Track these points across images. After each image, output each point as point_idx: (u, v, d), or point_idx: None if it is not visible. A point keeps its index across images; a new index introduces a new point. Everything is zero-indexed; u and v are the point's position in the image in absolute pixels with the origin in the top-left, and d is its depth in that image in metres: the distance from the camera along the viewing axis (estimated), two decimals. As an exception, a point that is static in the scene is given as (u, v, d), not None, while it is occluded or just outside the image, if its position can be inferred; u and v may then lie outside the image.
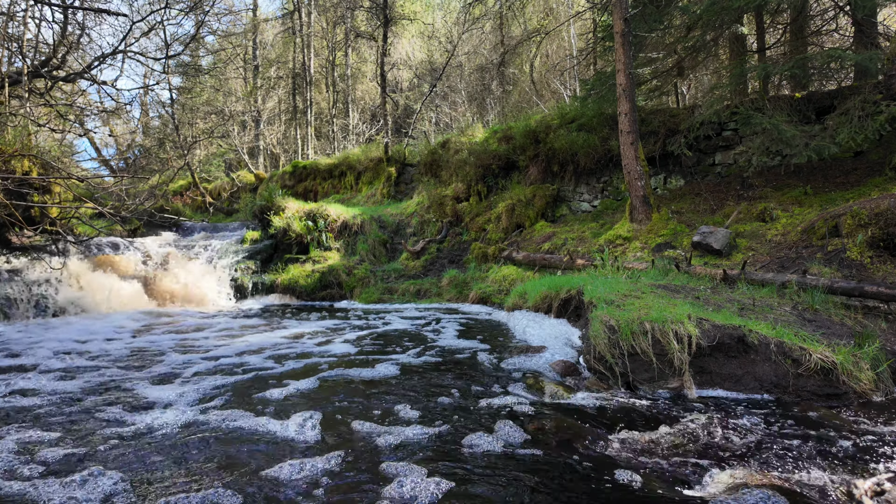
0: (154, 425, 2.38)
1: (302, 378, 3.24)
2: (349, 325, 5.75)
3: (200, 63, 19.49)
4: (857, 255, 4.72)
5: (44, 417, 2.52)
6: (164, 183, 14.74)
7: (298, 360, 3.80)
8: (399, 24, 17.33)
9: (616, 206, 8.94)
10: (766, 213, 6.44)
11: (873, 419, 2.43)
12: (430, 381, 3.17)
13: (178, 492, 1.70)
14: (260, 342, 4.61)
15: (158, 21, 12.30)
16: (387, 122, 14.90)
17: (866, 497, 1.67)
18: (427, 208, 11.12)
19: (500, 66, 17.61)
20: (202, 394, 2.92)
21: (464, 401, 2.76)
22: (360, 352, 4.18)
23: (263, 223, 10.44)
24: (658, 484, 1.78)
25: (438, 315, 6.53)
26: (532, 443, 2.15)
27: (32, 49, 9.39)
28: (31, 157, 6.93)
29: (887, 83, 6.19)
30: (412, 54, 19.66)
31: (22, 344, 4.60)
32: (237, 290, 8.77)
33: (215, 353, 4.16)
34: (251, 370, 3.51)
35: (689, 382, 2.91)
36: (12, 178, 6.39)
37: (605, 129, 9.13)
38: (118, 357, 4.05)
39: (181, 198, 16.14)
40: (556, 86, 16.89)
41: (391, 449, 2.10)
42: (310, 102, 18.00)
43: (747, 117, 6.81)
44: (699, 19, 7.48)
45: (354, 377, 3.31)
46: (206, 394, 2.92)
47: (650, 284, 4.50)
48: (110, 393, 2.97)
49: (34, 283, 6.57)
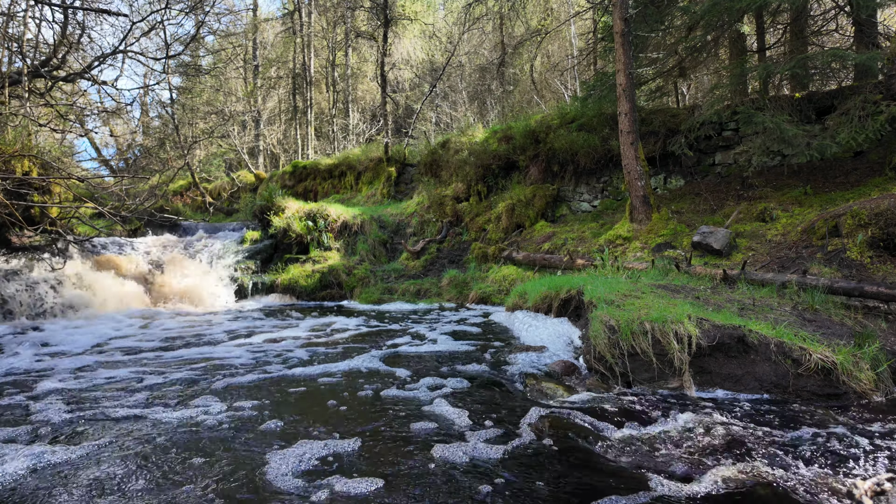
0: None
1: (298, 368, 3.24)
2: (343, 326, 5.75)
3: (200, 63, 19.50)
4: (857, 255, 4.72)
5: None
6: (164, 183, 14.73)
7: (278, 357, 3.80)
8: (399, 24, 17.33)
9: (616, 206, 8.94)
10: (766, 213, 6.44)
11: (873, 419, 2.43)
12: (430, 381, 3.17)
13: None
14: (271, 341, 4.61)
15: (158, 21, 12.30)
16: (387, 122, 14.90)
17: (866, 497, 1.67)
18: (427, 208, 11.12)
19: (501, 66, 17.61)
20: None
21: (463, 401, 2.75)
22: (341, 354, 4.17)
23: (263, 223, 10.44)
24: (658, 483, 1.78)
25: (438, 315, 6.53)
26: (532, 442, 2.15)
27: (32, 49, 9.40)
28: (31, 158, 6.93)
29: (888, 83, 6.19)
30: (413, 54, 19.65)
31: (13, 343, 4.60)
32: (237, 290, 8.77)
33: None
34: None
35: (689, 382, 2.91)
36: (12, 178, 6.39)
37: (606, 129, 9.12)
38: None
39: (181, 198, 16.14)
40: (557, 86, 16.89)
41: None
42: (310, 102, 18.00)
43: (748, 117, 6.81)
44: (700, 19, 7.48)
45: (319, 380, 3.31)
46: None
47: (650, 284, 4.50)
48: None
49: (34, 283, 6.57)
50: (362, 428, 2.33)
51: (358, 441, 2.15)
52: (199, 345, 4.59)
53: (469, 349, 4.19)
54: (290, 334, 5.12)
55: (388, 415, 2.53)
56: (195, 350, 4.32)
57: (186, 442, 2.17)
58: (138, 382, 3.22)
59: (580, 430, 2.28)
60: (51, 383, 3.20)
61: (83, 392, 2.99)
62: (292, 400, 2.81)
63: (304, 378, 3.28)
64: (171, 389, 3.04)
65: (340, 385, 3.11)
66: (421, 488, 1.74)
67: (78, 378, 3.34)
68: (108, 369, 3.61)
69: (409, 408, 2.63)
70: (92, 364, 3.80)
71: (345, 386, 3.09)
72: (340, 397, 2.83)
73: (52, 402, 2.78)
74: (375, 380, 3.24)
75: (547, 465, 1.94)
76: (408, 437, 2.23)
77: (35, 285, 6.54)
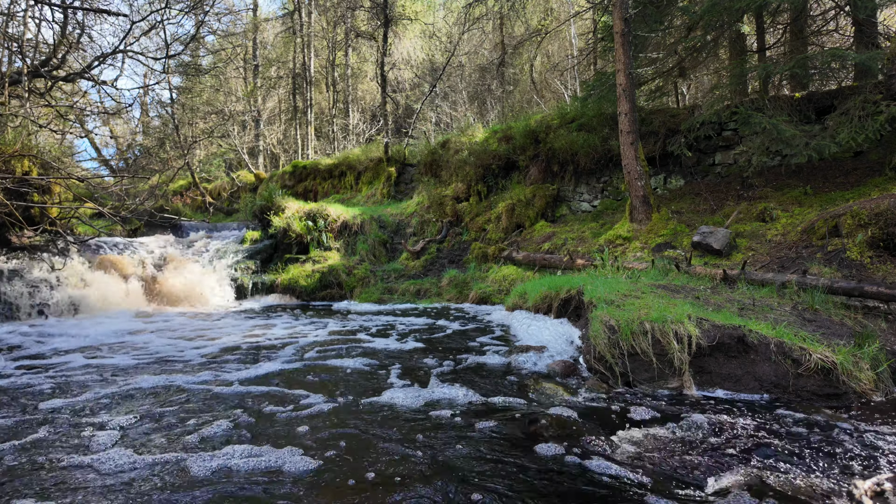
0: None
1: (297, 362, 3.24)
2: (340, 326, 5.76)
3: (200, 63, 19.50)
4: (857, 255, 4.72)
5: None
6: (164, 183, 14.74)
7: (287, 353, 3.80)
8: (399, 23, 17.33)
9: (616, 206, 8.94)
10: (766, 213, 6.44)
11: (873, 419, 2.43)
12: (430, 382, 3.17)
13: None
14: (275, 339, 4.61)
15: (158, 21, 12.30)
16: (387, 122, 14.91)
17: (866, 497, 1.67)
18: (427, 208, 11.12)
19: (501, 66, 17.62)
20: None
21: (463, 401, 2.75)
22: (336, 354, 4.18)
23: (263, 223, 10.44)
24: (657, 483, 1.78)
25: (438, 315, 6.53)
26: (532, 443, 2.15)
27: (32, 49, 9.39)
28: (31, 157, 6.93)
29: (887, 83, 6.19)
30: (413, 54, 19.65)
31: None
32: (237, 290, 8.77)
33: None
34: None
35: (689, 382, 2.91)
36: (12, 178, 6.40)
37: (605, 129, 9.12)
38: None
39: (181, 198, 16.15)
40: (557, 86, 16.90)
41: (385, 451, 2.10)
42: (310, 102, 18.00)
43: (747, 117, 6.81)
44: (700, 19, 7.48)
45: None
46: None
47: (650, 284, 4.50)
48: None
49: (34, 283, 6.56)
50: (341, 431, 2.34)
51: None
52: (208, 342, 4.60)
53: (468, 349, 4.19)
54: (288, 333, 5.12)
55: (381, 416, 2.53)
56: (198, 351, 4.33)
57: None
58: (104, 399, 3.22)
59: (579, 430, 2.28)
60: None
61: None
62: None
63: (305, 369, 3.28)
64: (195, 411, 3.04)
65: (338, 380, 3.11)
66: (414, 480, 1.74)
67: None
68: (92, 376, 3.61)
69: (406, 406, 2.63)
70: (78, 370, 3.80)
71: (337, 381, 3.09)
72: (340, 390, 2.84)
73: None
74: (373, 379, 3.24)
75: (545, 465, 1.94)
76: (408, 435, 2.23)
77: (35, 285, 6.54)
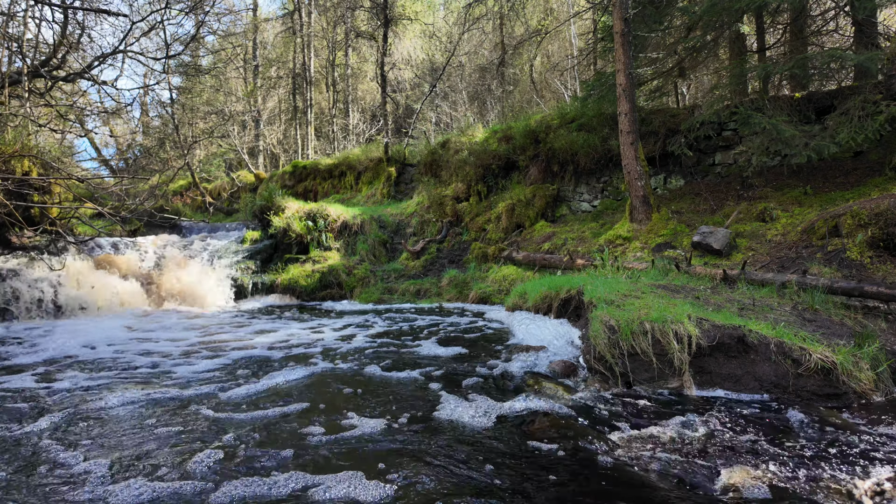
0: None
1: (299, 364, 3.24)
2: (340, 327, 5.76)
3: (200, 63, 19.49)
4: (857, 255, 4.72)
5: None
6: (164, 183, 14.72)
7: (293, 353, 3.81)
8: (399, 23, 17.33)
9: (616, 206, 8.94)
10: (766, 213, 6.44)
11: (873, 419, 2.43)
12: (430, 381, 3.17)
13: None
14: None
15: (158, 21, 12.29)
16: (387, 122, 14.91)
17: (866, 497, 1.67)
18: (427, 208, 11.12)
19: (501, 66, 17.62)
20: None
21: (463, 401, 2.75)
22: (345, 356, 4.18)
23: (263, 223, 10.44)
24: (657, 482, 1.78)
25: (438, 315, 6.53)
26: (532, 442, 2.15)
27: (32, 49, 9.38)
28: (31, 158, 6.93)
29: (887, 83, 6.19)
30: (413, 54, 19.65)
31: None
32: (237, 291, 8.77)
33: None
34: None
35: (689, 382, 2.91)
36: (12, 178, 6.40)
37: (605, 129, 9.12)
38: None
39: (181, 198, 16.15)
40: (557, 86, 16.90)
41: (386, 451, 2.10)
42: (310, 102, 18.00)
43: (747, 117, 6.81)
44: (700, 20, 7.48)
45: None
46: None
47: (650, 284, 4.50)
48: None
49: (33, 283, 6.56)
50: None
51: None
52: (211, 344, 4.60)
53: (468, 349, 4.19)
54: (287, 332, 5.12)
55: (383, 416, 2.53)
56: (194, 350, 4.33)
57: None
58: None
59: (579, 430, 2.28)
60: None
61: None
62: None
63: (310, 372, 3.28)
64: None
65: (334, 377, 3.12)
66: (424, 476, 1.75)
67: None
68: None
69: (414, 403, 2.63)
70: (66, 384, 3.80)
71: (337, 378, 3.09)
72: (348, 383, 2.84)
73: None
74: (371, 377, 3.24)
75: (545, 465, 1.94)
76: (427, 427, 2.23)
77: (35, 285, 6.54)
